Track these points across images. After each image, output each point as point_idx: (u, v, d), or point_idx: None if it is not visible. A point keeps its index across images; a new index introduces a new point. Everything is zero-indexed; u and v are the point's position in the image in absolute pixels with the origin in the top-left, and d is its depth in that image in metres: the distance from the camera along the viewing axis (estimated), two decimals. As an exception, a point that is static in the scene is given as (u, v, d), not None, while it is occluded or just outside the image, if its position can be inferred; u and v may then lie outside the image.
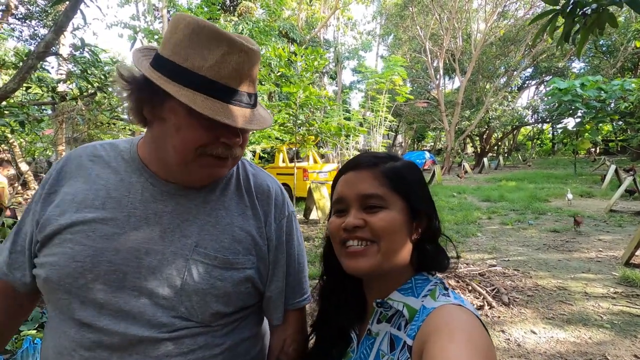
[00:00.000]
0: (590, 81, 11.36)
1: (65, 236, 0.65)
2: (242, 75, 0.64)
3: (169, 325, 0.64)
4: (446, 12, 16.51)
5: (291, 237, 0.80)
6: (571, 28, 2.00)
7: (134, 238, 0.66)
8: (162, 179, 0.72)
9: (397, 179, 0.63)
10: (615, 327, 2.77)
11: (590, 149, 22.00)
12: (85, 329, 0.63)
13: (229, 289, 0.68)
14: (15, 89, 3.24)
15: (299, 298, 0.81)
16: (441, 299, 0.58)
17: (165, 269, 0.65)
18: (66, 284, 0.63)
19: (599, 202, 8.08)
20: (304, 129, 7.02)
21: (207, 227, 0.70)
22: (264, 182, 0.80)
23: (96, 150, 0.75)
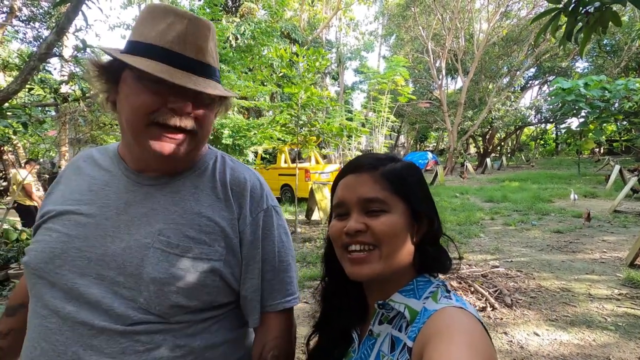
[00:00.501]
0: (594, 81, 11.28)
1: (48, 225, 0.70)
2: (187, 42, 0.65)
3: (125, 317, 0.62)
4: (448, 12, 16.47)
5: (269, 232, 0.76)
6: (574, 27, 1.98)
7: (103, 226, 0.67)
8: (135, 169, 0.73)
9: (398, 181, 0.62)
10: (620, 329, 2.74)
11: (594, 149, 21.87)
12: (51, 317, 0.63)
13: (190, 279, 0.65)
14: (17, 91, 3.25)
15: (280, 299, 0.75)
16: (443, 301, 0.57)
17: (127, 257, 0.65)
18: (39, 268, 0.65)
19: (603, 203, 8.02)
20: (306, 130, 7.02)
21: (174, 217, 0.69)
22: (240, 175, 0.77)
23: (91, 153, 0.81)
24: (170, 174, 0.74)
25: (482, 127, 20.21)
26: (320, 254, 5.13)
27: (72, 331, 0.62)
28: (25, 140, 9.80)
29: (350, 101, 23.10)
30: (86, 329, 0.62)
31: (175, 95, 0.64)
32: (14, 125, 3.82)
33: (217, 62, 0.73)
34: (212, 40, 0.69)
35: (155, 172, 0.73)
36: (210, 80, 0.68)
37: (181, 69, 0.64)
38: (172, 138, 0.66)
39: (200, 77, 0.66)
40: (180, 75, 0.63)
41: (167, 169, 0.73)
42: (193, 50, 0.65)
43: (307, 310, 3.31)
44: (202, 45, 0.66)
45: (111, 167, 0.76)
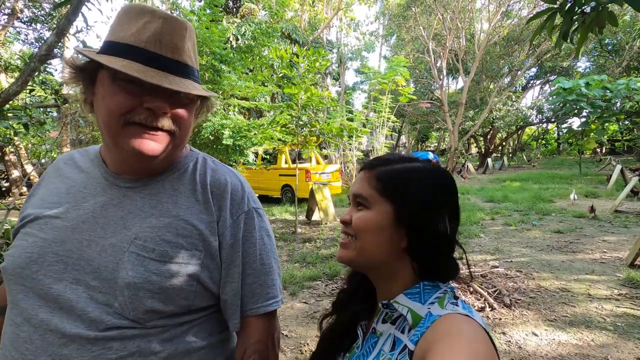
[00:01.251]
0: (596, 80, 11.25)
1: (25, 229, 0.69)
2: (163, 41, 0.64)
3: (98, 322, 0.61)
4: (449, 12, 16.44)
5: (250, 235, 0.74)
6: (570, 27, 1.98)
7: (79, 230, 0.66)
8: (114, 172, 0.72)
9: (389, 182, 0.63)
10: (619, 329, 2.73)
11: (595, 149, 21.78)
12: (22, 325, 0.62)
13: (166, 284, 0.64)
14: (18, 92, 3.27)
15: (261, 303, 0.73)
16: (449, 307, 0.57)
17: (102, 261, 0.64)
18: (16, 274, 0.64)
19: (604, 203, 7.99)
20: (307, 130, 7.02)
21: (150, 220, 0.68)
22: (221, 177, 0.76)
23: (72, 155, 0.80)
24: (148, 175, 0.73)
25: (484, 127, 20.17)
26: (320, 255, 5.14)
27: (42, 340, 0.61)
28: (27, 141, 9.85)
29: (351, 101, 23.09)
30: (57, 337, 0.61)
31: (151, 94, 0.63)
32: (14, 127, 3.85)
33: (196, 62, 0.71)
34: (189, 39, 0.68)
35: (134, 173, 0.72)
36: (188, 80, 0.67)
37: (157, 69, 0.63)
38: (151, 136, 0.65)
39: (176, 76, 0.65)
40: (155, 74, 0.62)
41: (146, 170, 0.72)
42: (169, 49, 0.64)
43: (306, 310, 3.31)
44: (179, 44, 0.66)
45: (90, 168, 0.75)
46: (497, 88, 18.78)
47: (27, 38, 12.20)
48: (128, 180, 0.72)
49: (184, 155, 0.78)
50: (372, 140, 12.51)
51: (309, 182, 8.94)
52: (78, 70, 0.67)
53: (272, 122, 6.87)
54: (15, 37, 11.93)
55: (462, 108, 16.68)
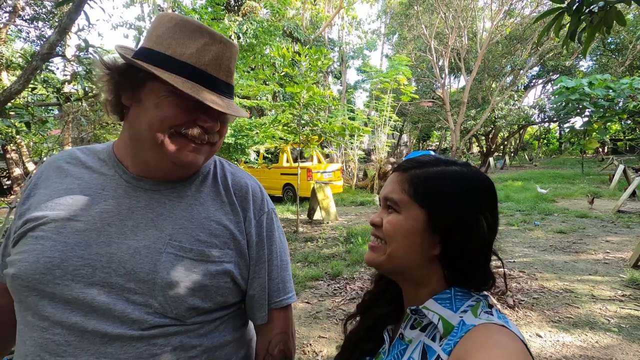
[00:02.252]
0: (599, 80, 11.20)
1: (36, 233, 0.65)
2: (221, 65, 0.69)
3: (141, 322, 0.62)
4: (451, 10, 16.37)
5: (272, 234, 0.80)
6: (577, 26, 1.96)
7: (106, 233, 0.65)
8: (136, 174, 0.72)
9: (423, 187, 0.61)
10: (623, 331, 2.72)
11: (597, 149, 21.73)
12: (53, 328, 0.61)
13: (206, 282, 0.67)
14: (20, 90, 3.26)
15: (283, 296, 0.79)
16: (483, 317, 0.55)
17: (137, 263, 0.64)
18: (34, 280, 0.61)
19: (606, 203, 7.97)
20: (308, 129, 7.00)
21: (182, 222, 0.70)
22: (241, 180, 0.81)
23: (74, 154, 0.77)
24: (172, 180, 0.74)
25: (485, 126, 20.12)
26: (322, 254, 5.13)
27: (81, 340, 0.60)
28: (28, 140, 9.85)
29: (352, 100, 23.04)
30: (97, 337, 0.61)
31: (205, 114, 0.67)
32: (16, 125, 3.84)
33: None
34: (235, 60, 0.73)
35: (157, 177, 0.73)
36: (231, 101, 0.72)
37: (214, 91, 0.67)
38: (198, 149, 0.69)
39: (226, 97, 0.70)
40: (214, 98, 0.66)
41: (179, 176, 0.74)
42: (225, 73, 0.69)
43: (308, 310, 3.30)
44: (232, 68, 0.71)
45: (105, 169, 0.73)
46: (499, 87, 18.72)
47: (28, 36, 12.20)
48: (153, 183, 0.72)
49: None
50: (373, 139, 12.50)
51: (310, 181, 8.93)
52: (118, 72, 0.67)
53: (274, 120, 6.86)
54: (17, 35, 11.93)
55: (464, 107, 16.64)
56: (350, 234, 5.78)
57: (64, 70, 8.40)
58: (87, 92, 3.93)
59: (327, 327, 2.97)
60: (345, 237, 5.80)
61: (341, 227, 6.53)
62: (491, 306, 0.58)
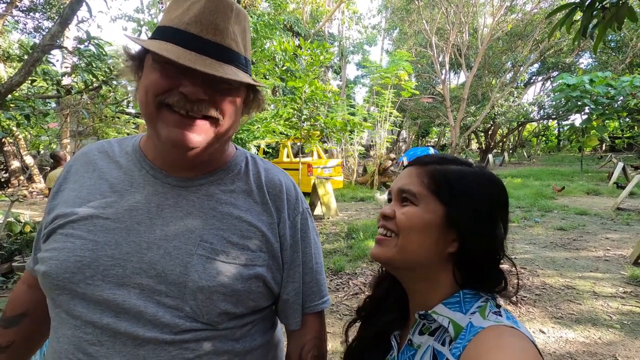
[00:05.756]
0: (599, 77, 11.20)
1: (66, 230, 0.63)
2: (203, 22, 0.60)
3: (173, 326, 0.60)
4: (453, 6, 16.29)
5: (307, 235, 0.75)
6: (589, 22, 1.94)
7: (135, 232, 0.63)
8: (163, 169, 0.69)
9: (442, 181, 0.60)
10: (625, 327, 2.74)
11: (596, 146, 21.82)
12: (85, 327, 0.59)
13: (238, 286, 0.63)
14: (20, 82, 3.22)
15: (317, 301, 0.76)
16: (491, 318, 0.54)
17: (168, 264, 0.61)
18: (64, 279, 0.60)
19: (605, 200, 8.01)
20: (309, 124, 6.98)
21: (213, 222, 0.66)
22: (275, 177, 0.75)
23: (102, 147, 0.75)
24: (199, 173, 0.70)
25: (485, 122, 20.13)
26: (323, 249, 5.11)
27: (113, 341, 0.59)
28: (26, 132, 9.77)
29: (352, 95, 22.96)
30: (130, 340, 0.59)
31: (188, 79, 0.59)
32: (17, 118, 3.80)
33: (245, 49, 0.66)
34: (236, 23, 0.63)
35: (183, 171, 0.69)
36: (230, 66, 0.61)
37: (196, 52, 0.59)
38: (189, 124, 0.60)
39: (216, 60, 0.60)
40: (192, 57, 0.58)
41: (190, 164, 0.68)
42: (210, 31, 0.60)
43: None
44: (220, 25, 0.61)
45: (132, 164, 0.70)
46: (499, 83, 18.70)
47: (25, 27, 12.05)
48: (180, 179, 0.69)
49: (234, 154, 0.76)
50: (373, 135, 12.48)
51: (311, 176, 8.92)
52: (130, 57, 0.65)
53: (275, 115, 6.83)
54: (14, 26, 11.78)
55: (464, 103, 16.64)
56: (351, 230, 5.78)
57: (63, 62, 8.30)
58: (88, 85, 3.89)
59: (331, 322, 2.98)
60: (346, 232, 5.80)
61: (342, 223, 6.53)
62: (499, 306, 0.57)
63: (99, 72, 3.72)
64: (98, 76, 3.69)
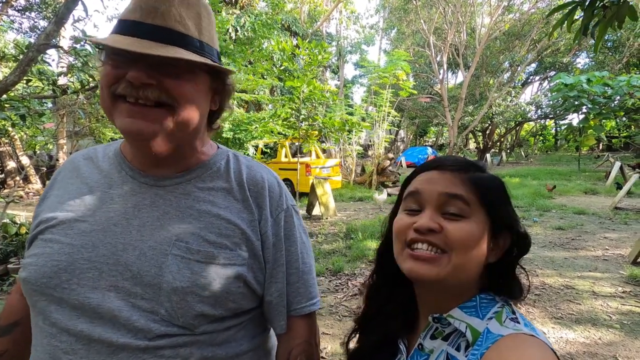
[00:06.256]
0: (597, 77, 11.24)
1: (46, 236, 0.63)
2: (143, 7, 0.59)
3: (147, 331, 0.58)
4: (450, 5, 16.30)
5: (291, 233, 0.72)
6: (590, 21, 1.93)
7: (111, 233, 0.62)
8: (140, 169, 0.68)
9: (485, 189, 0.57)
10: (625, 327, 2.73)
11: (593, 146, 21.91)
12: (60, 335, 0.58)
13: (215, 287, 0.61)
14: (16, 82, 3.18)
15: (305, 302, 0.72)
16: (509, 325, 0.52)
17: (142, 266, 0.60)
18: (42, 284, 0.59)
19: (603, 199, 8.03)
20: (307, 124, 6.96)
21: (190, 220, 0.64)
22: (257, 174, 0.73)
23: (88, 153, 0.75)
24: (176, 171, 0.69)
25: (483, 122, 20.17)
26: (322, 250, 5.11)
27: (87, 349, 0.58)
28: (22, 133, 9.69)
29: (350, 95, 22.97)
30: (104, 347, 0.57)
31: (132, 65, 0.58)
32: (12, 118, 3.76)
33: (201, 32, 0.63)
34: (181, 5, 0.61)
35: (160, 170, 0.68)
36: (177, 47, 0.59)
37: (136, 37, 0.58)
38: (140, 113, 0.59)
39: (159, 42, 0.58)
40: (128, 41, 0.57)
41: (160, 159, 0.66)
42: (150, 15, 0.59)
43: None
44: (160, 8, 0.59)
45: (112, 167, 0.70)
46: (497, 83, 18.74)
47: (21, 27, 11.96)
48: (158, 178, 0.67)
49: (214, 153, 0.74)
50: (371, 134, 12.47)
51: (309, 176, 8.89)
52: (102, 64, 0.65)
53: (273, 115, 6.80)
54: (9, 25, 11.69)
55: (462, 103, 16.66)
56: (350, 230, 5.77)
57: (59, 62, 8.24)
58: (84, 85, 3.85)
59: (330, 323, 2.96)
60: (344, 232, 5.79)
61: (340, 223, 6.51)
62: (515, 312, 0.56)
63: (95, 72, 3.68)
64: (94, 76, 3.65)
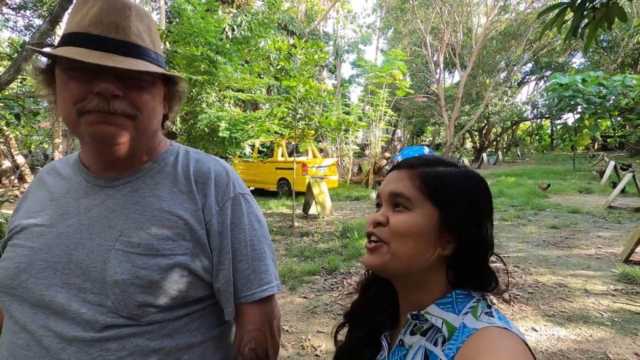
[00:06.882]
0: (592, 77, 11.32)
1: (12, 241, 0.69)
2: (103, 22, 0.62)
3: (94, 322, 0.61)
4: (447, 5, 16.33)
5: (239, 221, 0.73)
6: (580, 22, 1.96)
7: (65, 234, 0.67)
8: (95, 173, 0.72)
9: (435, 184, 0.60)
10: (616, 324, 2.77)
11: (588, 145, 22.05)
12: (19, 333, 0.63)
13: (156, 277, 0.63)
14: (10, 81, 3.17)
15: (255, 289, 0.72)
16: (484, 319, 0.54)
17: (90, 262, 0.64)
18: (6, 285, 0.65)
19: (597, 198, 8.09)
20: (303, 123, 6.96)
21: (134, 216, 0.68)
22: (204, 166, 0.75)
23: (52, 166, 0.81)
24: (127, 171, 0.72)
25: (479, 122, 20.26)
26: (318, 249, 5.12)
27: (40, 345, 0.61)
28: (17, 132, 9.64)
29: (347, 94, 22.98)
30: (54, 342, 0.61)
31: (99, 79, 0.61)
32: (6, 117, 3.74)
33: (154, 44, 0.69)
34: (137, 20, 0.66)
35: (113, 171, 0.72)
36: (139, 60, 0.64)
37: (102, 51, 0.61)
38: (108, 120, 0.63)
39: (123, 56, 0.62)
40: (97, 55, 0.60)
41: (118, 162, 0.70)
42: (112, 29, 0.63)
43: (305, 305, 3.30)
44: (121, 23, 0.63)
45: (72, 174, 0.75)
46: (493, 83, 18.81)
47: (16, 25, 11.89)
48: (109, 179, 0.72)
49: (165, 150, 0.77)
50: (368, 134, 12.49)
51: (305, 175, 8.90)
52: (41, 72, 0.67)
53: (269, 114, 6.79)
54: (4, 24, 11.61)
55: (458, 102, 16.71)
56: (346, 229, 5.79)
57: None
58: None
59: (325, 321, 2.97)
60: (341, 231, 5.81)
61: (337, 222, 6.53)
62: (490, 306, 0.58)
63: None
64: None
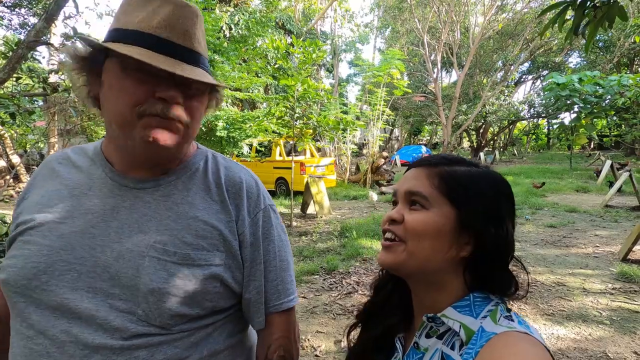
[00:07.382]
0: (588, 76, 11.38)
1: (25, 237, 0.64)
2: (174, 26, 0.61)
3: (123, 330, 0.59)
4: (444, 5, 16.36)
5: (269, 232, 0.74)
6: (581, 21, 1.95)
7: (90, 235, 0.63)
8: (121, 172, 0.68)
9: (454, 184, 0.58)
10: (615, 323, 2.77)
11: (584, 144, 22.18)
12: (36, 338, 0.59)
13: (192, 287, 0.63)
14: (4, 80, 3.13)
15: (283, 299, 0.73)
16: (503, 323, 0.52)
17: (120, 267, 0.61)
18: (22, 286, 0.60)
19: (594, 197, 8.13)
20: (301, 123, 6.95)
21: (167, 222, 0.65)
22: (235, 175, 0.74)
23: (65, 154, 0.75)
24: (157, 173, 0.69)
25: (476, 121, 20.31)
26: (317, 248, 5.10)
27: (61, 352, 0.58)
28: (12, 131, 9.55)
29: (345, 94, 22.98)
30: (78, 349, 0.57)
31: (163, 84, 0.60)
32: (1, 116, 3.70)
33: (206, 51, 0.68)
34: (199, 27, 0.65)
35: (143, 172, 0.68)
36: (199, 69, 0.64)
37: (168, 55, 0.60)
38: (167, 126, 0.61)
39: (188, 64, 0.62)
40: (166, 61, 0.58)
41: (156, 165, 0.68)
42: (180, 36, 0.61)
43: (304, 305, 3.29)
44: (190, 31, 0.62)
45: (93, 169, 0.70)
46: (490, 82, 18.87)
47: (10, 23, 11.75)
48: (138, 180, 0.68)
49: (194, 153, 0.75)
50: (366, 133, 12.49)
51: (303, 175, 8.88)
52: (82, 60, 0.63)
53: (267, 114, 6.77)
54: (-1, 22, 11.48)
55: (456, 102, 16.75)
56: (345, 228, 5.78)
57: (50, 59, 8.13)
58: (76, 83, 3.80)
59: (325, 321, 2.96)
60: (339, 231, 5.80)
61: (335, 222, 6.52)
62: (509, 310, 0.57)
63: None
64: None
